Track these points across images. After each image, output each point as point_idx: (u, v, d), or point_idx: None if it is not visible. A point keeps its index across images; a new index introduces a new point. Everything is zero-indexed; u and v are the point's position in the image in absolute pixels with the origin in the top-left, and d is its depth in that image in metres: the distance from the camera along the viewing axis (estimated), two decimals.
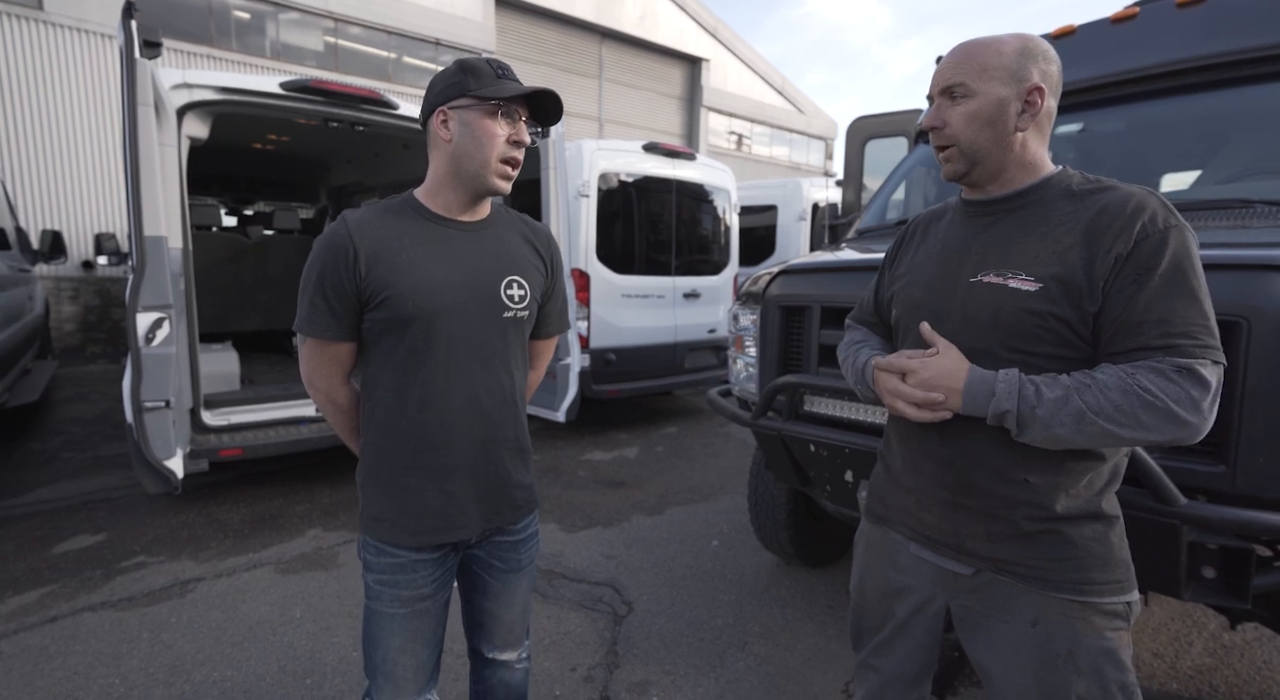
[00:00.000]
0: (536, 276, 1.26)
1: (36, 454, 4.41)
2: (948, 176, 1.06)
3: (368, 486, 1.21)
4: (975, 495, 1.02)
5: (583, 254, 4.87)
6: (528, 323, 1.25)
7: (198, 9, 10.22)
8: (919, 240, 1.20)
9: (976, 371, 0.97)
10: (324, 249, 1.12)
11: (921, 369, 1.00)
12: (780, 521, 2.67)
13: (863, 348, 1.22)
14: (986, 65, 0.99)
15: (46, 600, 2.56)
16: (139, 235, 2.30)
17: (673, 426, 5.57)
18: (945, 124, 1.02)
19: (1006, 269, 0.98)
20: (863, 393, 1.19)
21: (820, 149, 21.98)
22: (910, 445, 1.12)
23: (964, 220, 1.11)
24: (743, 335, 2.44)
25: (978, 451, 1.01)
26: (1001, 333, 0.97)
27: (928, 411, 1.00)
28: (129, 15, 2.27)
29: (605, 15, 15.04)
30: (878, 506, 1.23)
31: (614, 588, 2.72)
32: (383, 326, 1.13)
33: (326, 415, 1.26)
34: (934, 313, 1.07)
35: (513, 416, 1.24)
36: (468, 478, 1.19)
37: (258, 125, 4.48)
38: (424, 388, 1.15)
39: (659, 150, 5.38)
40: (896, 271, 1.22)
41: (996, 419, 0.94)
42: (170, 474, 2.40)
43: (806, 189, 7.55)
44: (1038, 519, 0.98)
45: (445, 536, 1.20)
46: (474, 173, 1.13)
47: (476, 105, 1.11)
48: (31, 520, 3.32)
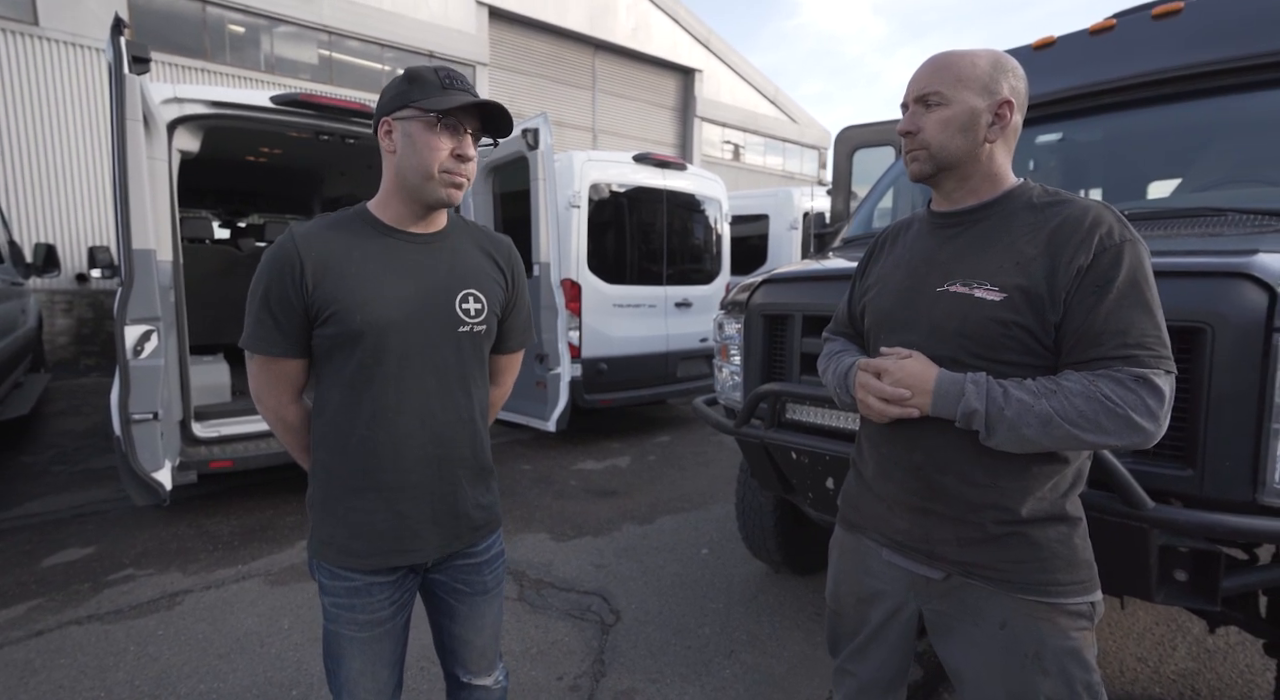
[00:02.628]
0: (495, 289, 1.22)
1: (27, 467, 4.39)
2: (914, 176, 1.09)
3: (316, 508, 1.17)
4: (944, 500, 1.04)
5: (574, 264, 4.90)
6: (486, 338, 1.21)
7: (192, 23, 10.28)
8: (888, 251, 1.23)
9: (946, 374, 0.99)
10: (269, 263, 1.08)
11: (895, 369, 1.03)
12: (768, 529, 2.68)
13: (845, 354, 1.24)
14: (961, 76, 1.02)
15: (33, 614, 2.55)
16: (127, 248, 2.31)
17: (665, 435, 5.58)
18: (919, 129, 1.05)
19: (972, 279, 1.01)
20: (843, 400, 1.20)
21: (814, 158, 22.14)
22: (881, 452, 1.13)
23: (931, 231, 1.13)
24: (727, 344, 2.46)
25: (946, 457, 1.03)
26: (968, 340, 1.00)
27: (896, 408, 1.02)
28: (118, 31, 2.30)
29: (598, 27, 15.18)
30: (850, 513, 1.24)
31: (603, 597, 2.72)
32: (331, 342, 1.09)
33: (276, 433, 1.22)
34: (902, 321, 1.10)
35: (469, 434, 1.20)
36: (421, 498, 1.15)
37: (250, 139, 4.51)
38: (373, 405, 1.11)
39: (650, 161, 5.43)
40: (867, 282, 1.24)
41: (965, 419, 0.96)
42: (158, 486, 2.40)
43: (798, 198, 7.61)
44: (1004, 522, 1.00)
45: (398, 559, 1.15)
46: (416, 185, 1.10)
47: (418, 116, 1.08)
48: (20, 534, 3.31)
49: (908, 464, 1.08)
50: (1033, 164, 2.77)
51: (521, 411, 4.52)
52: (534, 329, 1.39)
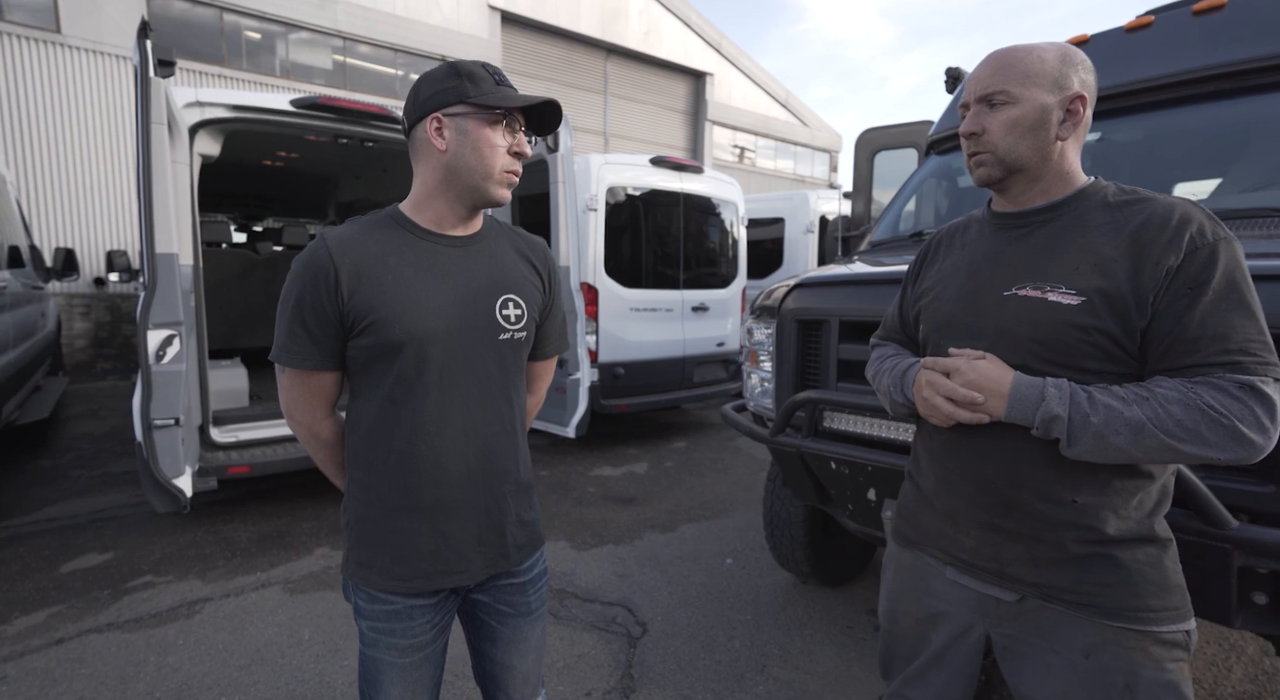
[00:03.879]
0: (533, 293, 1.16)
1: (46, 471, 4.39)
2: (980, 181, 1.03)
3: (353, 528, 1.11)
4: (1018, 517, 0.97)
5: (591, 268, 4.86)
6: (525, 344, 1.15)
7: (210, 30, 10.38)
8: (943, 254, 1.17)
9: (1023, 376, 0.93)
10: (301, 270, 1.02)
11: (968, 369, 0.97)
12: (797, 540, 2.62)
13: (899, 358, 1.17)
14: (1029, 72, 0.97)
15: (53, 621, 2.52)
16: (150, 252, 2.29)
17: (682, 441, 5.51)
18: (984, 130, 1.00)
19: (1044, 282, 0.95)
20: (897, 407, 1.13)
21: (825, 161, 22.05)
22: (945, 465, 1.07)
23: (994, 233, 1.07)
24: (757, 349, 2.40)
25: (1021, 469, 0.96)
26: (1041, 347, 0.94)
27: (965, 411, 0.96)
28: (144, 35, 2.29)
29: (610, 31, 15.20)
30: (908, 528, 1.17)
31: (627, 608, 2.66)
32: (369, 353, 1.03)
33: (308, 450, 1.16)
34: (965, 327, 1.04)
35: (513, 448, 1.15)
36: (465, 516, 1.09)
37: (268, 142, 4.51)
38: (414, 419, 1.05)
39: (666, 164, 5.38)
40: (921, 287, 1.18)
41: (1044, 426, 0.90)
42: (179, 493, 2.37)
43: (814, 201, 7.54)
44: (1087, 541, 0.93)
45: (442, 582, 1.09)
46: (474, 184, 1.05)
47: (476, 113, 1.02)
48: (40, 538, 3.29)
49: (976, 477, 1.01)
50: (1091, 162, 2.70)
51: (540, 417, 4.49)
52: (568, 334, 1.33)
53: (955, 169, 3.07)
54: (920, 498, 1.14)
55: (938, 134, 2.92)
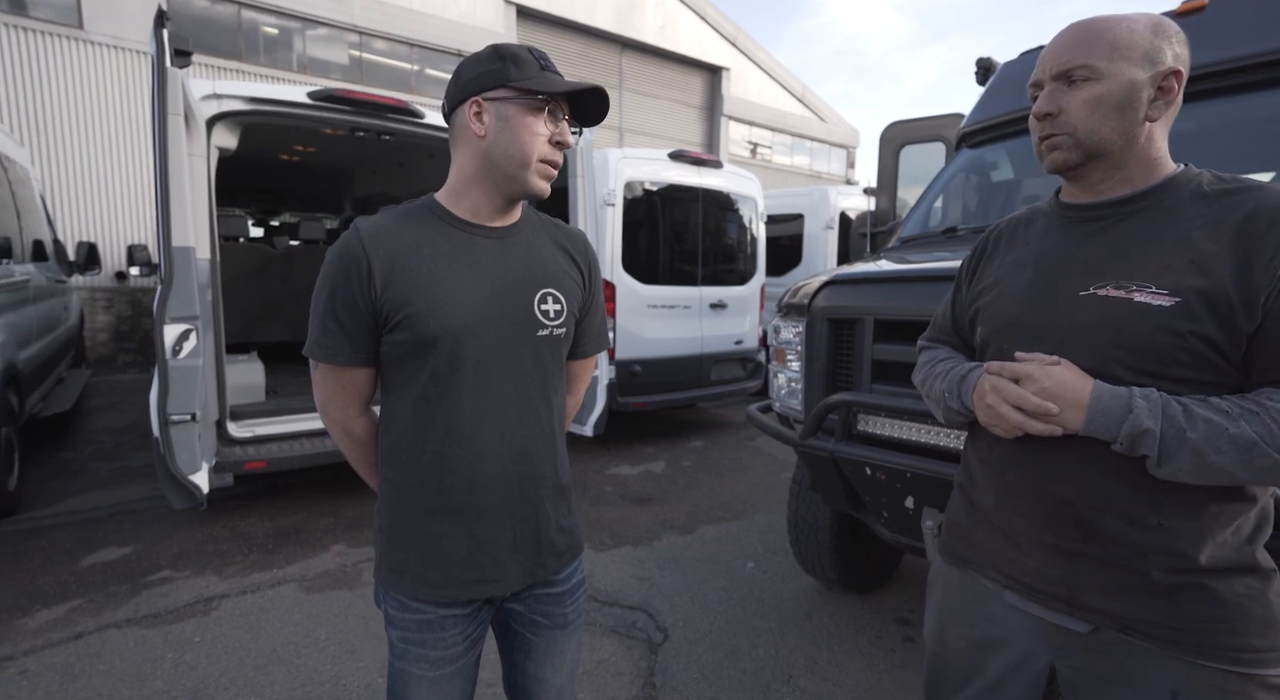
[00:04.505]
0: (573, 288, 1.10)
1: (68, 463, 4.42)
2: (1054, 167, 0.93)
3: (386, 532, 1.06)
4: (1096, 541, 0.88)
5: (608, 264, 4.80)
6: (565, 341, 1.10)
7: (227, 26, 10.42)
8: (1003, 250, 1.06)
9: (1105, 386, 0.84)
10: (334, 263, 0.98)
11: (1042, 376, 0.86)
12: (823, 545, 2.54)
13: (952, 362, 1.08)
14: (1118, 44, 0.87)
15: (73, 615, 2.51)
16: (167, 246, 2.26)
17: (699, 440, 5.44)
18: (1060, 111, 0.90)
19: (1129, 280, 0.85)
20: (952, 414, 1.03)
21: (842, 157, 21.79)
22: (1007, 480, 0.97)
23: (1065, 226, 0.97)
24: (785, 348, 2.32)
25: (1100, 488, 0.86)
26: (1125, 353, 0.85)
27: (1036, 422, 0.86)
28: (160, 24, 2.25)
29: (626, 25, 15.09)
30: (960, 546, 1.07)
31: (648, 612, 2.60)
32: (402, 349, 0.99)
33: (341, 448, 1.12)
34: (1034, 329, 0.94)
35: (550, 449, 1.09)
36: (501, 521, 1.04)
37: (285, 136, 4.49)
38: (449, 418, 1.00)
39: (685, 158, 5.30)
40: (978, 285, 1.07)
41: (1130, 442, 0.80)
42: (195, 489, 2.34)
43: (834, 197, 7.41)
44: (1176, 570, 0.84)
45: (477, 590, 1.04)
46: (511, 173, 1.00)
47: (518, 98, 0.97)
48: (61, 531, 3.30)
49: (1046, 496, 0.91)
50: None
51: None
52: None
53: (988, 163, 2.96)
54: (974, 513, 1.04)
55: (971, 126, 2.82)
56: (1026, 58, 2.67)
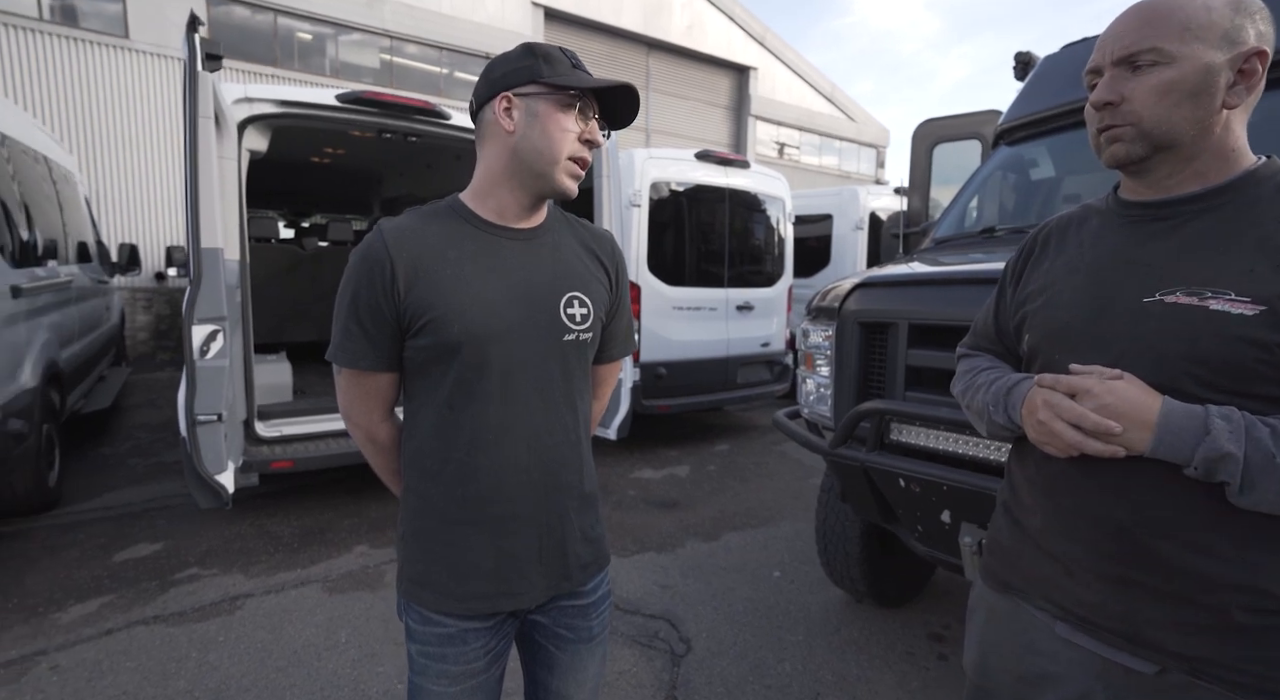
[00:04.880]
0: (600, 291, 1.07)
1: (107, 459, 4.54)
2: (1114, 161, 0.85)
3: (409, 541, 1.04)
4: (1161, 572, 0.79)
5: (634, 265, 4.75)
6: (591, 346, 1.06)
7: (264, 33, 10.68)
8: (1053, 251, 0.98)
9: (1177, 404, 0.76)
10: (357, 265, 0.96)
11: (1103, 392, 0.78)
12: (852, 556, 2.45)
13: (995, 371, 1.00)
14: (1190, 23, 0.79)
15: (104, 611, 2.56)
16: (196, 247, 2.28)
17: (724, 443, 5.36)
18: (1123, 99, 0.82)
19: (1204, 286, 0.77)
20: (997, 429, 0.96)
21: (871, 157, 21.44)
22: (1059, 501, 0.88)
23: (1125, 226, 0.89)
24: (813, 353, 2.25)
25: (1168, 516, 0.78)
26: (1201, 368, 0.76)
27: (1096, 442, 0.78)
28: (193, 29, 2.28)
29: (653, 26, 15.07)
30: (1004, 570, 0.99)
31: (670, 622, 2.55)
32: (426, 354, 0.97)
33: (365, 453, 1.10)
34: (1089, 340, 0.86)
35: (576, 457, 1.06)
36: (526, 532, 1.01)
37: (315, 138, 4.55)
38: (473, 426, 0.97)
39: (712, 158, 5.23)
40: (1025, 289, 0.99)
41: (1207, 467, 0.72)
42: (221, 489, 2.36)
43: (864, 197, 7.25)
44: (1260, 610, 0.75)
45: (501, 604, 1.01)
46: (540, 171, 0.97)
47: (549, 94, 0.95)
48: (97, 526, 3.38)
49: (1105, 521, 0.83)
50: None
51: None
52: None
53: (1027, 160, 2.83)
54: (1020, 535, 0.96)
55: (1010, 122, 2.70)
56: (1070, 50, 2.55)
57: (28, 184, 3.94)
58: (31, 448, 3.26)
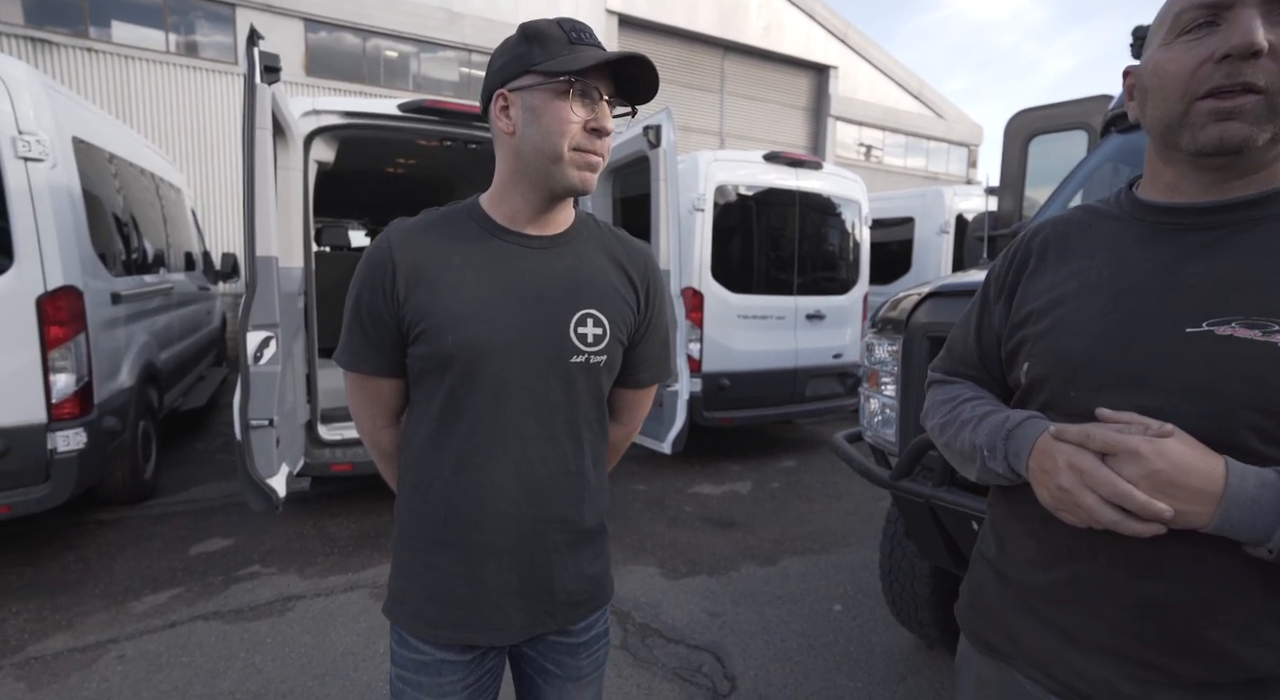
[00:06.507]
0: (623, 310, 0.97)
1: (199, 453, 4.86)
2: (1222, 144, 0.64)
3: (394, 555, 1.00)
4: (1195, 657, 0.65)
5: (696, 271, 4.60)
6: (606, 370, 0.96)
7: (355, 54, 11.36)
8: (1053, 262, 0.80)
9: (1245, 470, 0.60)
10: (363, 266, 0.92)
11: (1153, 455, 0.60)
12: (921, 597, 2.19)
13: (985, 403, 0.82)
14: None
15: (173, 603, 2.68)
16: (251, 256, 2.35)
17: (791, 459, 5.09)
18: (1276, 53, 0.61)
19: (1265, 316, 0.62)
20: (988, 472, 0.78)
21: (962, 157, 20.22)
22: (1072, 569, 0.72)
23: (1154, 234, 0.72)
24: (878, 369, 2.02)
25: (1215, 595, 0.64)
26: (1269, 419, 0.61)
27: (1138, 523, 0.61)
28: (253, 43, 2.35)
29: (728, 28, 14.86)
30: (989, 632, 0.83)
31: (716, 655, 2.37)
32: (422, 364, 0.91)
33: (373, 458, 1.06)
34: (1118, 377, 0.68)
35: (576, 491, 0.96)
36: (507, 565, 0.93)
37: (387, 149, 4.69)
38: (461, 446, 0.91)
39: (781, 160, 5.00)
40: (1022, 308, 0.80)
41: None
42: (272, 492, 2.42)
43: (949, 199, 6.76)
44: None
45: (474, 637, 0.94)
46: (543, 169, 0.88)
47: (544, 83, 0.85)
48: (181, 518, 3.59)
49: (1133, 597, 0.67)
50: None
51: None
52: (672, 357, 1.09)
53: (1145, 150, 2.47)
54: (1010, 594, 0.79)
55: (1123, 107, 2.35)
56: None
57: (134, 199, 4.28)
58: (127, 443, 3.51)
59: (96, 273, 3.21)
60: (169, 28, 10.07)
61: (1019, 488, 0.76)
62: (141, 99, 9.81)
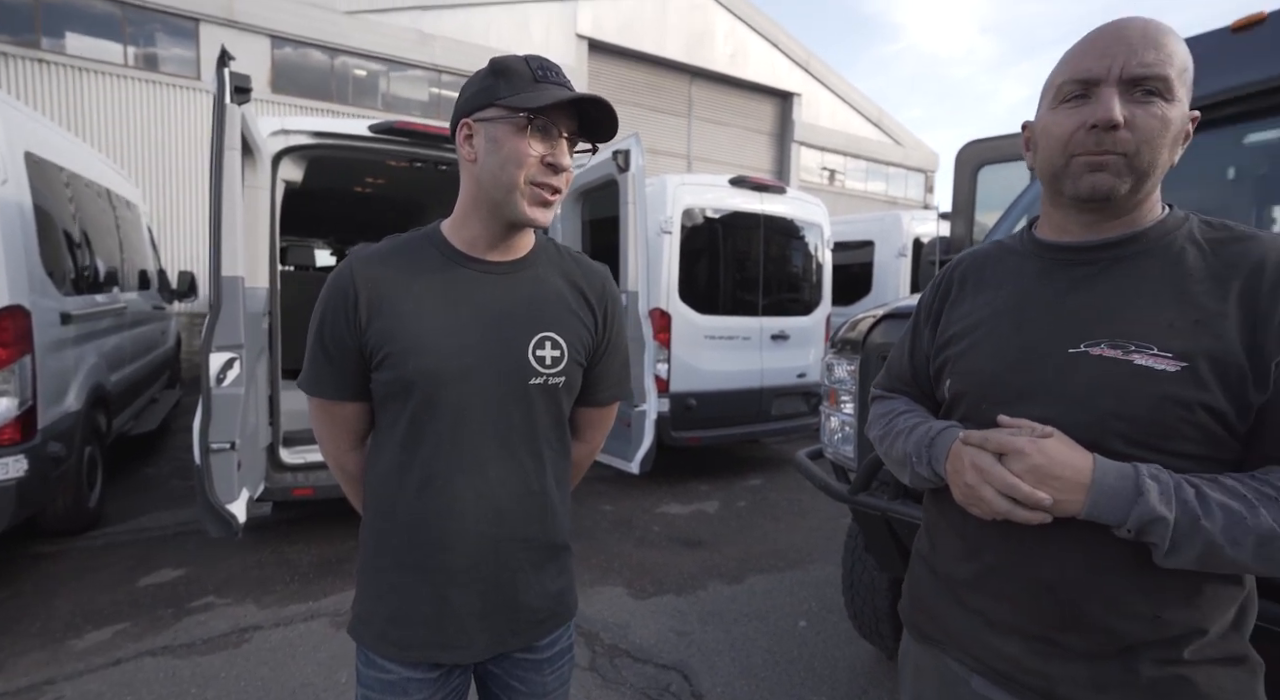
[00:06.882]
0: (580, 331, 1.01)
1: (149, 480, 4.67)
2: (1094, 193, 0.76)
3: (359, 577, 1.01)
4: (1082, 631, 0.76)
5: (664, 293, 4.67)
6: (565, 390, 0.99)
7: (322, 71, 11.28)
8: (970, 291, 0.92)
9: (1109, 464, 0.72)
10: (325, 293, 0.95)
11: (1034, 452, 0.73)
12: (881, 611, 2.25)
13: (913, 416, 0.95)
14: (1186, 66, 0.74)
15: (118, 639, 2.56)
16: (216, 275, 2.32)
17: (757, 478, 5.15)
18: (1128, 123, 0.73)
19: (1127, 340, 0.74)
20: (920, 481, 0.90)
21: (920, 182, 20.98)
22: (985, 560, 0.83)
23: (1047, 268, 0.84)
24: (838, 388, 2.09)
25: (1093, 577, 0.76)
26: (1128, 426, 0.73)
27: (1024, 510, 0.73)
28: (223, 64, 2.34)
29: (696, 54, 15.24)
30: (923, 621, 0.94)
31: (683, 674, 2.38)
32: (385, 389, 0.94)
33: (339, 482, 1.08)
34: (1015, 390, 0.81)
35: (537, 509, 0.99)
36: (470, 585, 0.95)
37: (356, 169, 4.67)
38: (424, 469, 0.93)
39: (747, 184, 5.14)
40: (946, 332, 0.93)
41: (1139, 529, 0.69)
42: (232, 518, 2.35)
43: (907, 223, 7.02)
44: (1166, 661, 0.74)
45: (440, 656, 0.96)
46: (498, 199, 0.91)
47: (505, 117, 0.89)
48: (129, 548, 3.44)
49: (1031, 581, 0.79)
50: (1233, 171, 2.22)
51: (604, 449, 4.30)
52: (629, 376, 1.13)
53: None
54: (940, 586, 0.91)
55: None
56: None
57: (88, 216, 4.16)
58: (71, 470, 3.36)
59: (46, 291, 3.10)
60: (127, 40, 9.86)
61: (945, 491, 0.86)
62: (96, 113, 9.54)
